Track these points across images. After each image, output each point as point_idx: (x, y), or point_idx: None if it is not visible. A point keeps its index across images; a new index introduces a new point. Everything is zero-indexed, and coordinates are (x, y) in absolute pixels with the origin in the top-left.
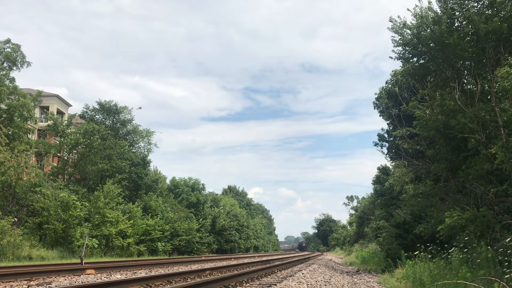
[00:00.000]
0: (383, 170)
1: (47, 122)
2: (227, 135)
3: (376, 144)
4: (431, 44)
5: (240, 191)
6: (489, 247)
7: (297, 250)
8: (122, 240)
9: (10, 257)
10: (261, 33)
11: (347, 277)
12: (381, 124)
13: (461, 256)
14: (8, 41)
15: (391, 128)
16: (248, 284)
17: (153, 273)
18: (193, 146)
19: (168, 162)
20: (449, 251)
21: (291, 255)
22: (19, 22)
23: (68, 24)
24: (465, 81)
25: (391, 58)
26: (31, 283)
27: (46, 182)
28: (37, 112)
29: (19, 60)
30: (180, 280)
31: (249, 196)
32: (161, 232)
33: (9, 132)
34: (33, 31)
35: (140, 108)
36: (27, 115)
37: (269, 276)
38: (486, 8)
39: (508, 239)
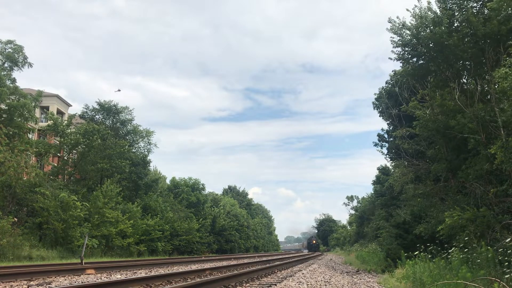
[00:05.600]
0: (383, 170)
1: (47, 122)
2: (228, 135)
3: (376, 145)
4: (431, 45)
5: (240, 191)
6: (489, 247)
7: (306, 250)
8: (122, 240)
9: (10, 257)
10: (262, 33)
11: (347, 277)
12: (381, 125)
13: (461, 256)
14: (10, 41)
15: (391, 128)
16: (248, 284)
17: (153, 273)
18: (193, 146)
19: (168, 162)
20: (449, 251)
21: (291, 255)
22: (22, 23)
23: (70, 26)
24: (464, 81)
25: (391, 59)
26: (31, 283)
27: (46, 182)
28: (37, 112)
29: (21, 61)
30: (180, 280)
31: (249, 197)
32: (161, 232)
33: (10, 133)
34: (35, 32)
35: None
36: (27, 115)
37: (269, 276)
38: (485, 8)
39: (508, 239)
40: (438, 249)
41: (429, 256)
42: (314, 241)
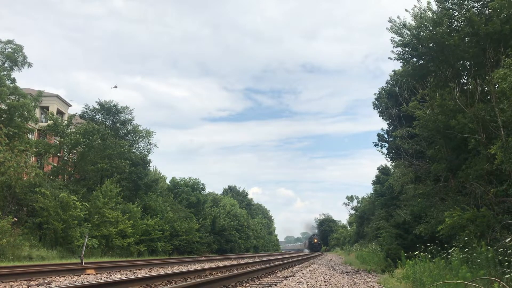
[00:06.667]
0: (383, 170)
1: (47, 122)
2: (228, 136)
3: (376, 145)
4: (431, 45)
5: (240, 191)
6: (489, 247)
7: (307, 250)
8: (122, 240)
9: (10, 257)
10: (262, 34)
11: (347, 277)
12: (381, 125)
13: (461, 256)
14: (10, 41)
15: (391, 128)
16: (248, 284)
17: (153, 273)
18: (193, 146)
19: (168, 162)
20: (449, 251)
21: (291, 255)
22: (22, 23)
23: (70, 26)
24: (464, 81)
25: (391, 59)
26: (31, 283)
27: (46, 182)
28: (37, 112)
29: (21, 61)
30: (180, 280)
31: (249, 196)
32: (161, 232)
33: (10, 133)
34: (35, 32)
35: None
36: (27, 115)
37: (269, 276)
38: (487, 9)
39: (508, 239)
40: (438, 249)
41: (429, 256)
42: (315, 240)
